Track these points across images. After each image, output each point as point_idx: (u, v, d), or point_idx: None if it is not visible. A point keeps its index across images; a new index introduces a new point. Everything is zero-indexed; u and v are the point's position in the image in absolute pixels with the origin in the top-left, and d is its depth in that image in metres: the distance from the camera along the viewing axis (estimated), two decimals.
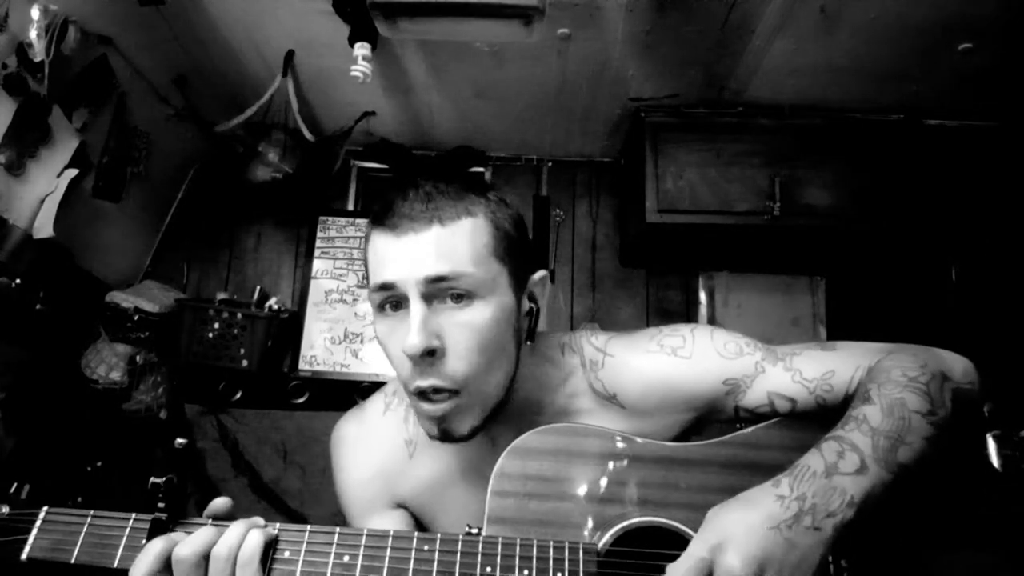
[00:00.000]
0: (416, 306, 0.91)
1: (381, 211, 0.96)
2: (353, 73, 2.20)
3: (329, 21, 2.25)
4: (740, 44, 2.41)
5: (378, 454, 1.13)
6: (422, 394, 0.93)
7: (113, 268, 2.77)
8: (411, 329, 0.89)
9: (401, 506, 1.13)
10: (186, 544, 0.84)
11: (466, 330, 0.92)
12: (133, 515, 0.90)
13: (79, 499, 2.33)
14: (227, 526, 0.87)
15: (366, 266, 1.00)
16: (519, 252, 1.01)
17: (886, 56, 2.40)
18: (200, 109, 2.81)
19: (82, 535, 0.89)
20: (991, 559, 0.94)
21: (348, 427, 1.17)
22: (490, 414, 0.97)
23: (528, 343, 1.03)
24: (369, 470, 1.13)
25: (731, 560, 0.77)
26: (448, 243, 0.92)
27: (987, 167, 2.70)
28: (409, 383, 0.94)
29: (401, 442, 1.13)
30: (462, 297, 0.92)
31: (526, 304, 1.03)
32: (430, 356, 0.91)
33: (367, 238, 1.00)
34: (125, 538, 0.89)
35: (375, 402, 1.18)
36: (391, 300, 0.94)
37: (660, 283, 3.28)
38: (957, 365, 0.98)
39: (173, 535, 0.86)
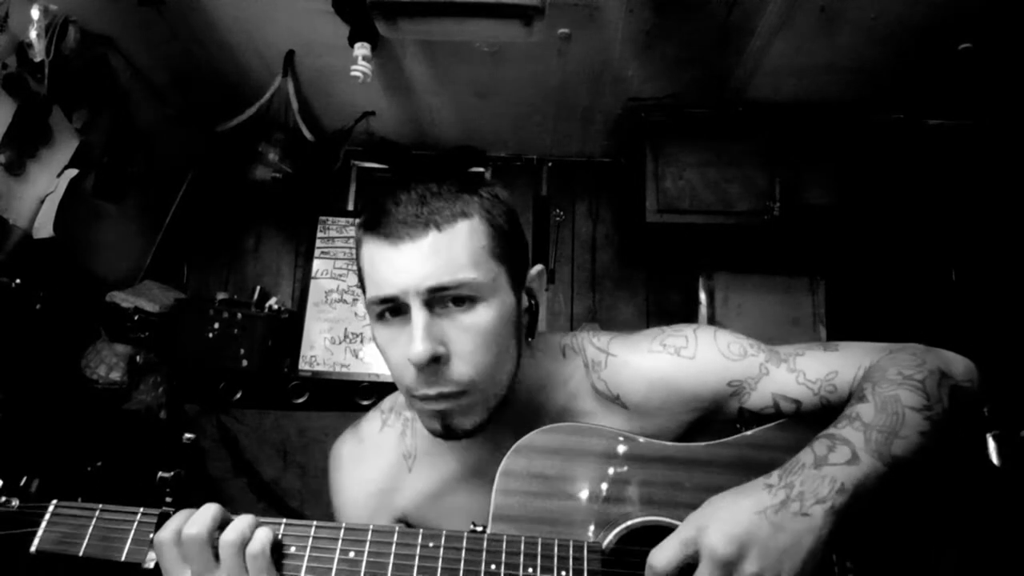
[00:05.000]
0: (418, 314, 0.89)
1: (374, 216, 0.94)
2: (353, 73, 2.20)
3: (329, 21, 2.25)
4: (740, 44, 2.42)
5: (376, 471, 1.12)
6: (426, 398, 0.93)
7: (113, 268, 2.77)
8: (415, 337, 0.88)
9: (401, 521, 1.12)
10: (193, 523, 0.84)
11: (470, 334, 0.91)
12: (141, 509, 0.90)
13: (79, 499, 2.32)
14: (232, 518, 0.87)
15: (360, 274, 0.98)
16: (515, 249, 0.99)
17: (886, 56, 2.40)
18: (200, 109, 2.81)
19: (90, 529, 0.90)
20: (993, 559, 0.94)
21: (345, 446, 1.16)
22: (493, 412, 0.96)
23: (528, 339, 1.02)
24: (367, 488, 1.12)
25: (714, 539, 0.77)
26: (446, 249, 0.90)
27: (987, 167, 2.71)
28: (414, 390, 0.92)
29: (399, 457, 1.13)
30: (464, 300, 0.91)
31: (525, 300, 1.02)
32: (435, 363, 0.90)
33: (359, 243, 0.98)
34: (133, 532, 0.89)
35: (371, 420, 1.17)
36: (391, 308, 0.93)
37: (660, 283, 3.28)
38: (958, 364, 0.97)
39: (179, 515, 0.87)
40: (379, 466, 1.12)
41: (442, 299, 0.91)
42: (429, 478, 1.10)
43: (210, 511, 0.86)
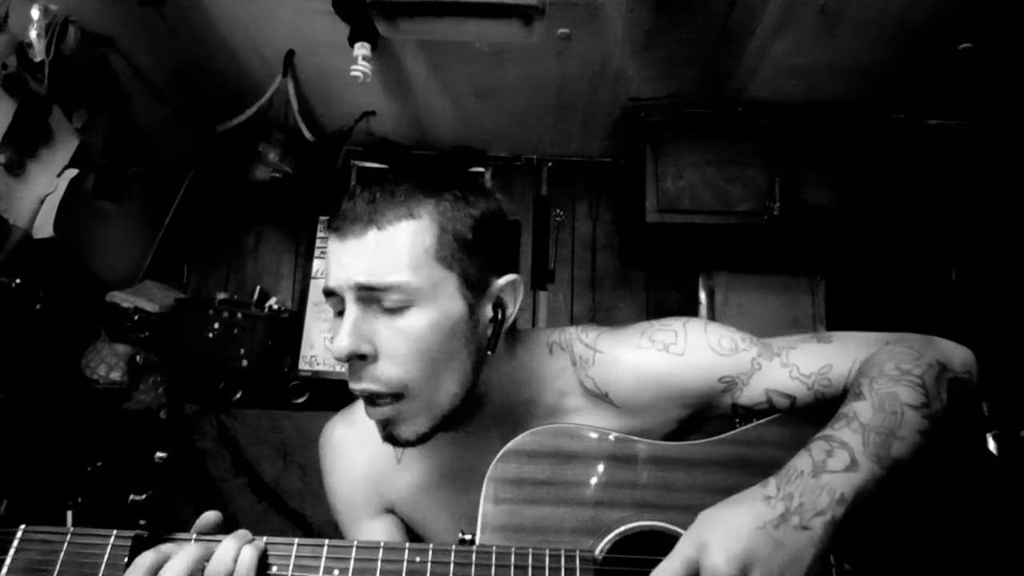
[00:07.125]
0: (350, 308, 0.90)
1: (336, 213, 0.95)
2: (353, 73, 2.20)
3: (329, 21, 2.25)
4: (740, 44, 2.41)
5: (366, 457, 1.11)
6: (368, 398, 0.93)
7: (113, 268, 2.77)
8: (340, 332, 0.89)
9: (391, 511, 1.11)
10: (172, 566, 0.81)
11: (400, 337, 0.90)
12: (114, 532, 0.86)
13: (79, 499, 2.33)
14: (218, 540, 0.84)
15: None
16: (475, 256, 0.94)
17: (886, 56, 2.39)
18: (200, 109, 2.81)
19: (62, 554, 0.85)
20: (994, 559, 0.93)
21: (336, 430, 1.15)
22: (440, 423, 0.94)
23: (489, 352, 0.97)
24: (358, 473, 1.11)
25: (715, 559, 0.76)
26: (383, 248, 0.89)
27: (987, 167, 2.70)
28: (349, 384, 0.93)
29: (388, 446, 1.09)
30: (395, 305, 0.90)
31: (488, 311, 0.97)
32: (361, 360, 0.90)
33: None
34: (107, 556, 0.85)
35: (362, 405, 1.16)
36: (339, 307, 0.93)
37: (660, 283, 3.28)
38: (956, 355, 0.95)
39: (163, 547, 0.83)
40: (368, 452, 1.11)
41: (375, 299, 0.90)
42: (418, 471, 1.09)
43: (191, 553, 0.82)
